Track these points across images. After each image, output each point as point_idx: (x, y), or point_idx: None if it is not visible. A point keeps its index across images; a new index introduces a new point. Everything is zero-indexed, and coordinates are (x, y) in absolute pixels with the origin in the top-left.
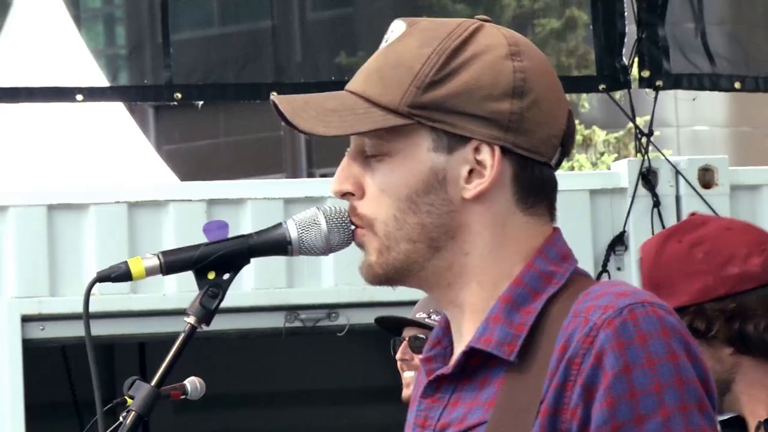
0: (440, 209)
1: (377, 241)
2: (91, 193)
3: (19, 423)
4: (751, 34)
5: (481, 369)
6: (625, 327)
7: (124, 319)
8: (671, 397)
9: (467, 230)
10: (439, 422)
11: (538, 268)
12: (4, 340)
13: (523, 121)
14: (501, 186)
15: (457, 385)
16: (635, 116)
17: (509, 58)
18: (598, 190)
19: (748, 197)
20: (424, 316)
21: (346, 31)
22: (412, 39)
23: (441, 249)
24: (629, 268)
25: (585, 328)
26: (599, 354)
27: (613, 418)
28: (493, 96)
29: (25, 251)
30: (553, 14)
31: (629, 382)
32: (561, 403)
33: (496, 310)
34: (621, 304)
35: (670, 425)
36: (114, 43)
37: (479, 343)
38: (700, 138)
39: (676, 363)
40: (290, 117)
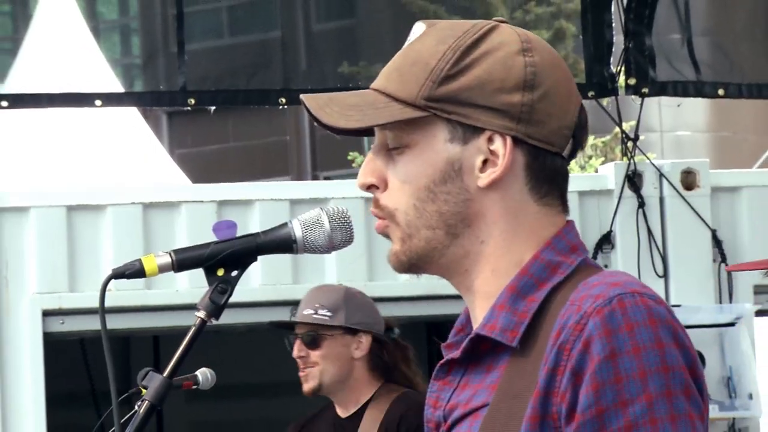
0: (457, 197)
1: (399, 230)
2: (107, 194)
3: (40, 412)
4: (734, 43)
5: (488, 354)
6: (613, 315)
7: (138, 314)
8: (656, 383)
9: (482, 218)
10: (449, 403)
11: (545, 258)
12: (26, 334)
13: (534, 112)
14: (514, 175)
15: (466, 369)
16: (622, 122)
17: (521, 54)
18: (586, 192)
19: (728, 199)
20: (311, 312)
21: (349, 41)
22: (429, 38)
23: (459, 236)
24: (616, 265)
25: (577, 316)
26: (587, 341)
27: (598, 402)
28: (505, 89)
29: (46, 249)
30: (544, 26)
31: (615, 368)
32: (552, 387)
33: (503, 298)
34: (611, 293)
35: (653, 409)
36: (130, 53)
37: (484, 329)
38: (682, 142)
39: (663, 351)
40: (315, 112)
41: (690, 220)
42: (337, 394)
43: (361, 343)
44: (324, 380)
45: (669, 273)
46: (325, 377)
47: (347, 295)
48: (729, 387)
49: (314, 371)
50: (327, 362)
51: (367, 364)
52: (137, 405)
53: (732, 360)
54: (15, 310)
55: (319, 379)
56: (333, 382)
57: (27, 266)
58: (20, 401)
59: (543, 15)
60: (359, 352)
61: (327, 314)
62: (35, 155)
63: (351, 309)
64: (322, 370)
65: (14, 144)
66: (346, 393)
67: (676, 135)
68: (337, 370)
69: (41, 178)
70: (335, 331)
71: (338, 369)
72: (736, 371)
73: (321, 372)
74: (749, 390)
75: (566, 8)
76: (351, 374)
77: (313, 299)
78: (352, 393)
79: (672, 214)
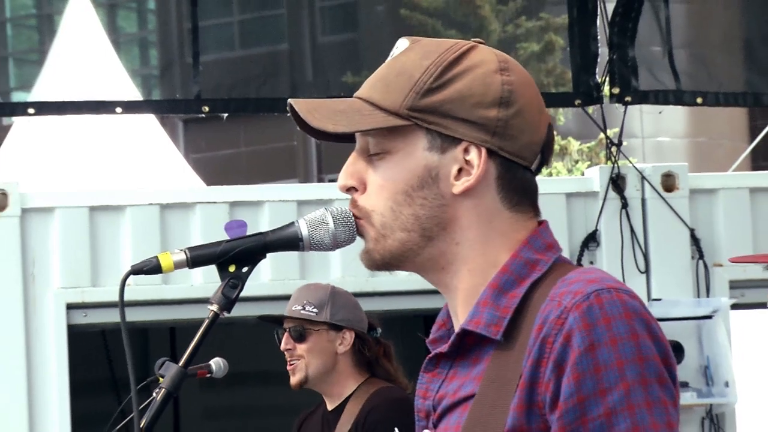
0: (432, 203)
1: (373, 230)
2: (127, 196)
3: (64, 398)
4: (712, 55)
5: (473, 347)
6: (592, 310)
7: (156, 307)
8: (632, 372)
9: (457, 223)
10: (438, 394)
11: (523, 256)
12: (51, 326)
13: (508, 127)
14: (487, 185)
15: (453, 362)
16: (606, 128)
17: (498, 73)
18: (573, 194)
19: (706, 200)
20: (299, 308)
21: (352, 53)
22: (413, 53)
23: (434, 238)
24: (601, 262)
25: (557, 311)
26: (568, 334)
27: (579, 391)
28: (483, 104)
29: (70, 247)
30: (534, 39)
31: (594, 359)
32: (536, 378)
33: (485, 295)
34: (589, 289)
35: (630, 396)
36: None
37: (470, 325)
38: (662, 147)
39: (638, 342)
40: (303, 115)
41: (670, 219)
42: (323, 388)
43: (345, 339)
44: (309, 373)
45: (650, 269)
46: (311, 370)
47: (333, 294)
48: (706, 375)
49: (300, 364)
50: (312, 356)
51: (350, 359)
52: (155, 392)
53: (709, 350)
54: (41, 304)
55: (305, 372)
56: (318, 375)
57: (52, 263)
58: (46, 389)
59: (533, 29)
60: (343, 347)
61: (313, 311)
62: (60, 159)
63: (336, 306)
64: (307, 363)
65: (40, 148)
66: (331, 386)
67: (656, 140)
68: (321, 363)
69: (65, 181)
70: (320, 326)
71: (323, 362)
72: (713, 361)
73: (306, 365)
74: (725, 378)
75: (554, 22)
76: (335, 368)
77: (301, 296)
78: (336, 387)
79: (653, 214)
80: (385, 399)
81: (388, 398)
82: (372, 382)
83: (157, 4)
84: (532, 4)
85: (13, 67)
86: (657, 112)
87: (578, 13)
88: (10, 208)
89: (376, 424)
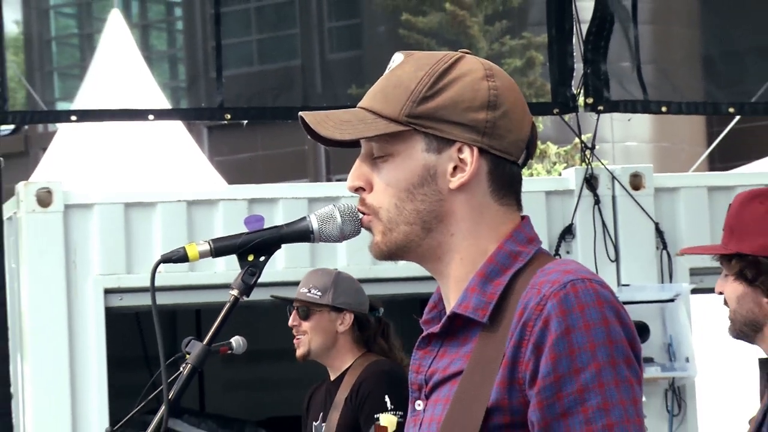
0: (431, 198)
1: (381, 225)
2: (158, 194)
3: (102, 372)
4: (675, 69)
5: (462, 329)
6: (567, 298)
7: (183, 291)
8: (603, 354)
9: (453, 215)
10: (429, 369)
11: (507, 248)
12: (90, 308)
13: (496, 127)
14: (479, 179)
15: (443, 341)
16: (581, 134)
17: (485, 79)
18: (552, 192)
19: (669, 197)
20: (305, 291)
21: (357, 68)
22: (408, 65)
23: (432, 230)
24: (576, 252)
25: (537, 298)
26: (546, 319)
27: (556, 370)
28: (473, 108)
29: (108, 239)
30: (517, 55)
31: (569, 342)
32: (518, 357)
33: (473, 282)
34: (565, 279)
35: (601, 375)
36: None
37: (460, 309)
38: (630, 151)
39: (608, 327)
40: (313, 126)
41: (637, 214)
42: (325, 360)
43: (345, 320)
44: (312, 347)
45: (620, 258)
46: (313, 345)
47: (336, 279)
48: (669, 352)
49: (304, 339)
50: (315, 333)
51: (349, 336)
52: (182, 367)
53: (672, 330)
54: (82, 289)
55: (308, 347)
56: (319, 350)
57: (91, 252)
58: (86, 364)
59: (516, 47)
60: (342, 327)
61: (317, 294)
62: (98, 161)
63: (338, 291)
64: (310, 339)
65: (81, 152)
66: (332, 360)
67: (625, 145)
68: (322, 340)
69: (103, 180)
70: (323, 308)
71: (324, 339)
72: (675, 339)
73: (309, 340)
74: (686, 354)
75: (535, 41)
76: (335, 344)
77: (309, 280)
78: (336, 360)
79: (622, 209)
80: (376, 371)
81: (378, 370)
82: (368, 357)
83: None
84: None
85: (57, 80)
86: (626, 120)
87: (556, 32)
88: (55, 205)
89: (368, 393)
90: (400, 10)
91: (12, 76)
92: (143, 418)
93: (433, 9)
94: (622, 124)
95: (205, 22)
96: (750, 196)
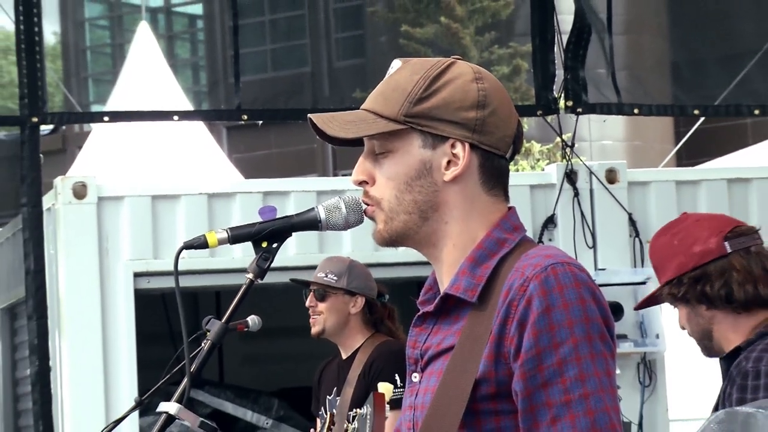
0: (428, 189)
1: (384, 214)
2: (181, 187)
3: (131, 348)
4: (646, 75)
5: (454, 308)
6: (548, 279)
7: (204, 275)
8: (580, 330)
9: (447, 205)
10: (424, 345)
11: (495, 235)
12: (121, 290)
13: (485, 125)
14: (470, 172)
15: (437, 320)
16: (562, 133)
17: (474, 82)
18: (536, 185)
19: (640, 190)
20: (322, 276)
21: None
22: (405, 70)
23: (429, 219)
24: (557, 240)
25: (521, 280)
26: (529, 299)
27: (537, 344)
28: (464, 107)
29: (137, 227)
30: (504, 63)
31: (549, 319)
32: (503, 333)
33: (464, 266)
34: (546, 263)
35: (578, 349)
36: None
37: (452, 290)
38: (606, 149)
39: (585, 306)
40: (321, 127)
41: (612, 206)
42: (337, 339)
43: (357, 302)
44: (326, 326)
45: (597, 245)
46: (327, 324)
47: (350, 266)
48: (641, 329)
49: (320, 319)
50: (329, 313)
51: (360, 318)
52: (203, 343)
53: (643, 309)
54: (113, 273)
55: (323, 325)
56: (333, 329)
57: (122, 240)
58: (117, 341)
59: (504, 55)
60: (355, 309)
61: (333, 278)
62: (128, 157)
63: (352, 276)
64: (325, 318)
65: (113, 149)
66: (344, 339)
67: (601, 143)
68: (336, 320)
69: (133, 175)
70: (338, 291)
71: (337, 319)
72: (646, 318)
73: (324, 320)
74: (656, 331)
75: (521, 50)
76: (347, 325)
77: (326, 266)
78: (348, 339)
79: (599, 201)
80: (386, 351)
81: (389, 350)
82: (377, 337)
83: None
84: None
85: (91, 85)
86: (602, 121)
87: (539, 42)
88: (89, 197)
89: (380, 370)
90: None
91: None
92: (168, 388)
93: (430, 21)
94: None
95: (225, 33)
96: (658, 234)
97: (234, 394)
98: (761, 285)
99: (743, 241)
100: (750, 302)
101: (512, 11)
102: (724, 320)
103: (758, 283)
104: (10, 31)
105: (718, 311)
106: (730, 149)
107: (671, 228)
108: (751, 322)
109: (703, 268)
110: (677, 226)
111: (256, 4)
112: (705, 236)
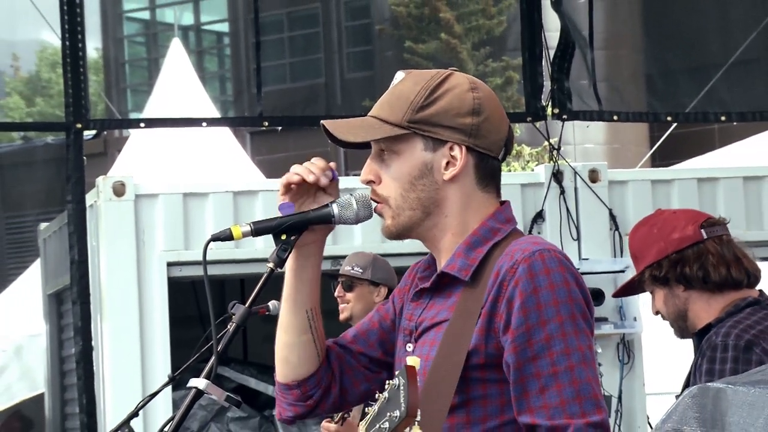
0: (429, 188)
1: (391, 211)
2: (210, 186)
3: (165, 329)
4: (623, 86)
5: (448, 286)
6: (536, 263)
7: (230, 264)
8: (564, 309)
9: (446, 201)
10: (419, 318)
11: (489, 225)
12: (156, 278)
13: (480, 130)
14: (467, 172)
15: (433, 295)
16: (549, 137)
17: (470, 91)
18: (526, 184)
19: (620, 189)
20: (349, 269)
21: (370, 85)
22: (408, 81)
23: (431, 214)
24: (545, 233)
25: (510, 263)
26: (518, 280)
27: (526, 322)
28: (461, 114)
29: (170, 222)
30: (498, 75)
31: (537, 299)
32: (494, 310)
33: (459, 248)
34: (534, 249)
35: (563, 326)
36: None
37: (447, 269)
38: (588, 151)
39: (569, 288)
40: (333, 132)
41: (594, 202)
42: None
43: (381, 292)
44: (353, 313)
45: (581, 237)
46: (354, 311)
47: (374, 260)
48: (620, 312)
49: (347, 307)
50: (356, 302)
51: None
52: (229, 325)
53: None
54: (149, 262)
55: (350, 312)
56: (359, 315)
57: (157, 233)
58: (152, 323)
59: (497, 68)
60: (378, 298)
61: (359, 270)
62: (162, 159)
63: (375, 269)
64: (352, 306)
65: (149, 152)
66: None
67: (584, 146)
68: (362, 307)
69: (166, 175)
70: (363, 282)
71: (363, 307)
72: (625, 301)
73: (352, 307)
74: (634, 314)
75: (512, 63)
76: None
77: (352, 260)
78: None
79: (582, 198)
80: None
81: None
82: None
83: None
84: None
85: (130, 95)
86: (585, 126)
87: (529, 56)
88: (127, 195)
89: None
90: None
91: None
92: (198, 365)
93: (431, 38)
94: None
95: (248, 48)
96: (636, 227)
97: (257, 371)
98: (733, 268)
99: (717, 229)
100: (723, 284)
101: (505, 29)
102: (698, 300)
103: (731, 267)
104: (58, 47)
105: (694, 291)
106: (699, 152)
107: (648, 221)
108: (722, 302)
109: (681, 253)
110: (654, 219)
111: (276, 22)
112: (682, 225)
